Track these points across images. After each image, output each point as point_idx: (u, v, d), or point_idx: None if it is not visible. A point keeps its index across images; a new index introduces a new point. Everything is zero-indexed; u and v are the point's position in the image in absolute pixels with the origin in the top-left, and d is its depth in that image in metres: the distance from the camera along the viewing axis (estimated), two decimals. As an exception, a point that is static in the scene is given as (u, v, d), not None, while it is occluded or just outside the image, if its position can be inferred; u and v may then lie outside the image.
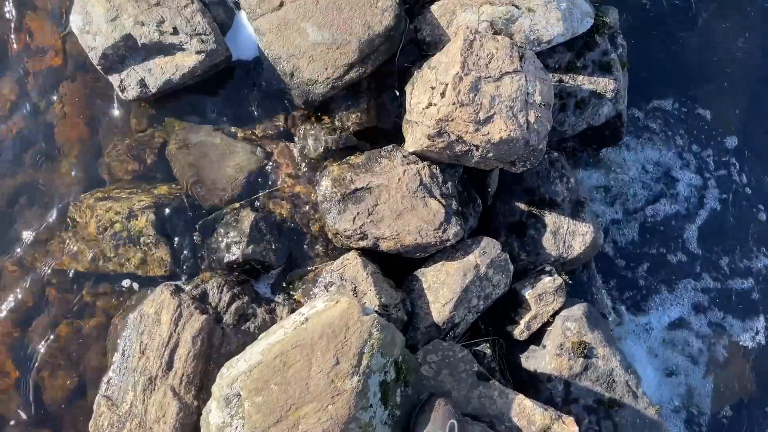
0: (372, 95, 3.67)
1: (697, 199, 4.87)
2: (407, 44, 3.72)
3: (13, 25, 3.80)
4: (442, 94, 3.25)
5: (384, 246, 3.35)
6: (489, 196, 3.77)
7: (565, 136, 3.89)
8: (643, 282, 4.68)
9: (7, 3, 3.81)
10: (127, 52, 3.35)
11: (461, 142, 3.26)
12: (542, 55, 3.79)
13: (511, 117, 3.20)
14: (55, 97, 3.72)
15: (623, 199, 4.78)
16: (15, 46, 3.78)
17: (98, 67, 3.37)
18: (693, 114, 5.01)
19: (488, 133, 3.19)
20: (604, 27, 3.84)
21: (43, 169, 3.64)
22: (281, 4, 3.50)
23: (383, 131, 3.71)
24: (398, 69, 3.70)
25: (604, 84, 3.81)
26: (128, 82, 3.38)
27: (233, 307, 3.14)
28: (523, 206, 3.78)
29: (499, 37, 3.36)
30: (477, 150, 3.27)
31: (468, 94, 3.18)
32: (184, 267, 3.35)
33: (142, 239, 3.31)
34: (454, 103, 3.17)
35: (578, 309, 3.50)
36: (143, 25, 3.30)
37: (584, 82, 3.82)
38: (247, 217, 3.32)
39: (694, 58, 5.06)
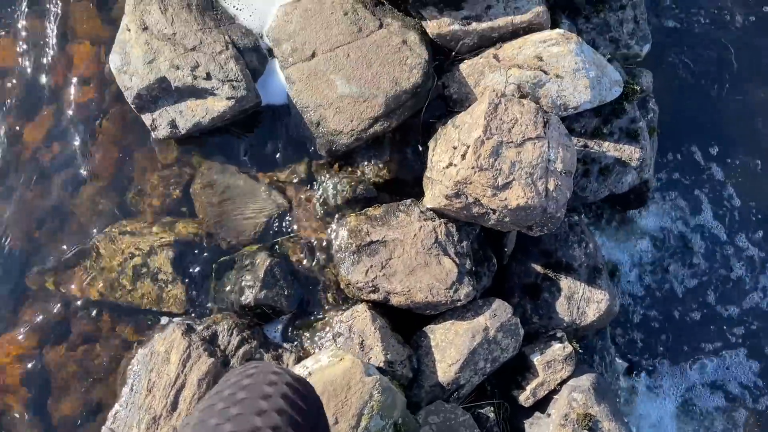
0: (395, 148, 3.72)
1: (722, 264, 4.78)
2: (434, 99, 3.76)
3: (56, 55, 3.97)
4: (463, 156, 3.28)
5: (394, 300, 3.37)
6: (505, 256, 3.76)
7: (587, 202, 3.86)
8: (660, 344, 4.59)
9: (50, 33, 3.98)
10: (161, 93, 3.46)
11: (478, 205, 3.28)
12: (568, 119, 3.80)
13: (530, 184, 3.21)
14: (90, 128, 3.86)
15: (646, 259, 4.72)
16: (57, 75, 3.94)
17: (132, 106, 3.49)
18: (724, 177, 4.93)
19: (506, 199, 3.20)
20: (634, 94, 3.83)
21: (74, 196, 3.76)
22: (313, 55, 3.58)
23: (404, 183, 3.75)
24: (423, 123, 3.74)
25: (630, 152, 3.79)
26: (159, 122, 3.49)
27: (241, 351, 3.19)
28: (539, 268, 3.76)
29: (524, 102, 3.38)
30: (494, 213, 3.28)
31: (488, 159, 3.21)
32: (198, 306, 3.42)
33: (159, 276, 3.39)
34: (473, 167, 3.19)
35: (587, 379, 3.45)
36: (178, 68, 3.41)
37: (609, 149, 3.80)
38: (263, 262, 3.37)
39: (731, 124, 5.00)
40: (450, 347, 3.35)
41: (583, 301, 3.69)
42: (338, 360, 2.82)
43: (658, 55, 4.93)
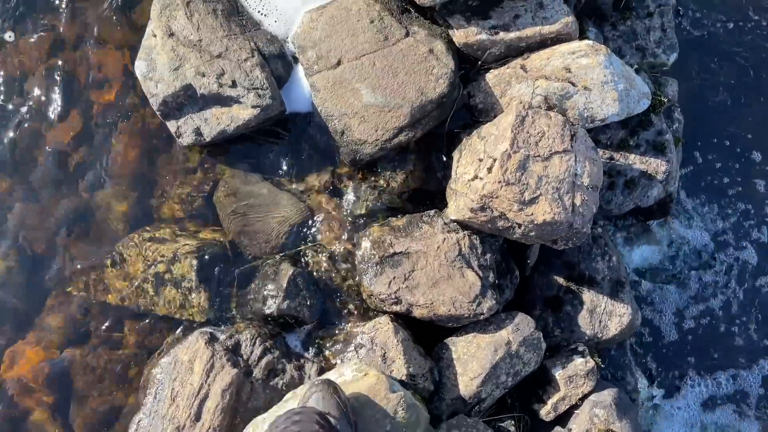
0: (419, 157, 3.70)
1: (744, 275, 4.73)
2: (459, 109, 3.73)
3: (80, 58, 3.97)
4: (489, 170, 3.25)
5: (417, 313, 3.36)
6: (527, 268, 3.74)
7: (611, 215, 3.83)
8: (681, 357, 4.57)
9: (74, 37, 3.97)
10: (186, 100, 3.46)
11: (504, 219, 3.25)
12: (594, 131, 3.76)
13: (557, 199, 3.18)
14: (114, 132, 3.86)
15: (667, 271, 4.68)
16: (81, 79, 3.94)
17: (157, 113, 3.48)
18: (747, 188, 4.87)
19: (532, 214, 3.17)
20: (661, 106, 3.78)
21: (98, 200, 3.77)
22: (339, 63, 3.56)
23: (428, 193, 3.73)
24: (447, 133, 3.71)
25: (656, 165, 3.75)
26: (184, 129, 3.48)
27: (264, 361, 3.19)
28: (561, 281, 3.74)
29: (552, 114, 3.34)
30: (519, 228, 3.26)
31: (515, 173, 3.18)
32: (221, 314, 3.42)
33: (183, 283, 3.40)
34: (499, 182, 3.17)
35: (608, 395, 3.44)
36: (204, 76, 3.40)
37: (636, 162, 3.76)
38: (286, 272, 3.37)
39: (755, 133, 4.93)
40: (472, 360, 3.34)
41: (605, 315, 3.67)
42: (362, 375, 2.82)
43: (683, 63, 4.86)
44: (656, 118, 3.81)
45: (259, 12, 3.75)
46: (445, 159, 3.71)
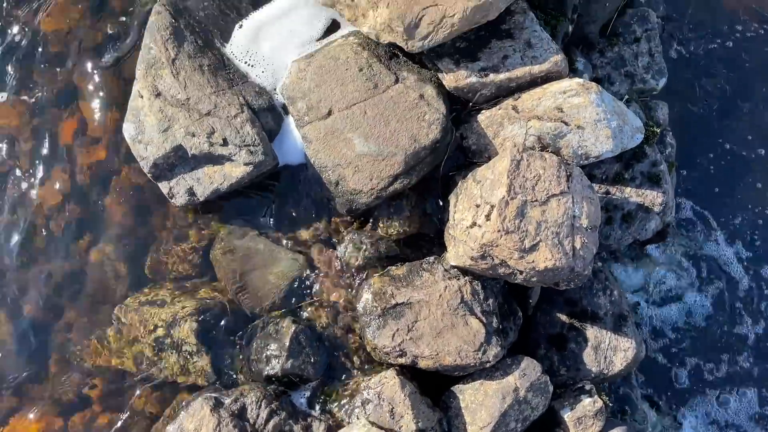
0: (415, 203, 3.67)
1: (740, 297, 4.75)
2: (453, 150, 3.70)
3: (66, 115, 3.91)
4: (487, 217, 3.23)
5: (423, 364, 3.34)
6: (530, 307, 3.72)
7: (611, 249, 3.82)
8: (683, 381, 4.57)
9: (61, 92, 3.91)
10: (177, 161, 3.41)
11: (505, 266, 3.23)
12: (589, 166, 3.75)
13: (557, 245, 3.16)
14: (104, 190, 3.81)
15: (664, 293, 4.69)
16: (67, 136, 3.88)
17: (148, 175, 3.43)
18: (744, 209, 4.88)
19: (533, 261, 3.15)
20: (654, 137, 3.78)
21: (94, 261, 3.72)
22: (329, 113, 3.53)
23: (425, 236, 3.71)
24: (442, 176, 3.69)
25: (653, 197, 3.74)
26: (177, 190, 3.44)
27: (270, 424, 3.16)
28: (564, 318, 3.72)
29: (546, 156, 3.32)
30: (521, 274, 3.24)
31: (514, 221, 3.16)
32: (224, 377, 3.38)
33: (184, 347, 3.36)
34: (499, 230, 3.15)
35: (618, 434, 3.43)
36: (194, 136, 3.36)
37: (632, 195, 3.76)
38: (288, 330, 3.34)
39: (745, 150, 4.94)
40: (480, 409, 3.32)
41: (610, 350, 3.66)
42: (372, 439, 2.79)
43: (672, 83, 4.84)
44: (650, 149, 3.81)
45: (245, 63, 3.71)
46: (441, 203, 3.68)
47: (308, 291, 3.54)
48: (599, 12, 4.22)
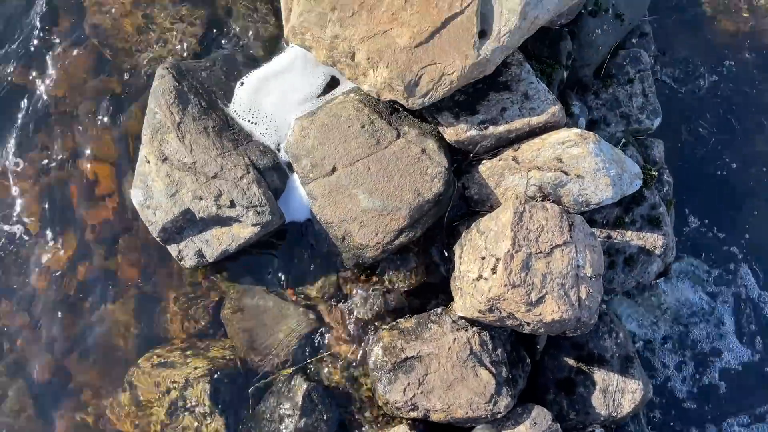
0: (420, 254, 3.72)
1: (742, 333, 4.80)
2: (455, 200, 3.77)
3: (73, 175, 3.95)
4: (493, 270, 3.28)
5: (434, 417, 3.37)
6: (537, 352, 3.77)
7: (615, 293, 3.88)
8: (691, 418, 4.61)
9: (67, 153, 3.96)
10: (186, 224, 3.46)
11: (512, 318, 3.29)
12: (590, 211, 3.81)
13: (563, 296, 3.22)
14: (112, 249, 3.85)
15: (666, 331, 4.74)
16: (75, 196, 3.92)
17: (157, 239, 3.48)
18: (741, 243, 4.94)
19: (540, 314, 3.21)
20: (652, 180, 3.85)
21: (101, 322, 3.75)
22: (334, 170, 3.59)
23: (431, 287, 3.76)
24: (446, 226, 3.74)
25: (653, 240, 3.80)
26: (186, 252, 3.48)
27: (287, 485, 3.18)
28: (571, 362, 3.77)
29: (548, 206, 3.39)
30: (528, 325, 3.29)
31: (519, 274, 3.21)
32: (239, 437, 3.41)
33: (197, 409, 3.38)
34: (505, 285, 3.20)
35: (630, 479, 3.46)
36: (201, 199, 3.41)
37: (633, 238, 3.82)
38: (300, 388, 3.37)
39: (739, 183, 5.02)
40: (493, 460, 3.35)
41: (618, 393, 3.70)
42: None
43: (666, 118, 4.93)
44: (648, 192, 3.88)
45: (249, 121, 3.77)
46: (446, 253, 3.74)
47: (318, 346, 3.58)
48: (593, 55, 4.31)
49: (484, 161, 3.73)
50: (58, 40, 4.09)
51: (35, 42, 4.08)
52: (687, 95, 5.11)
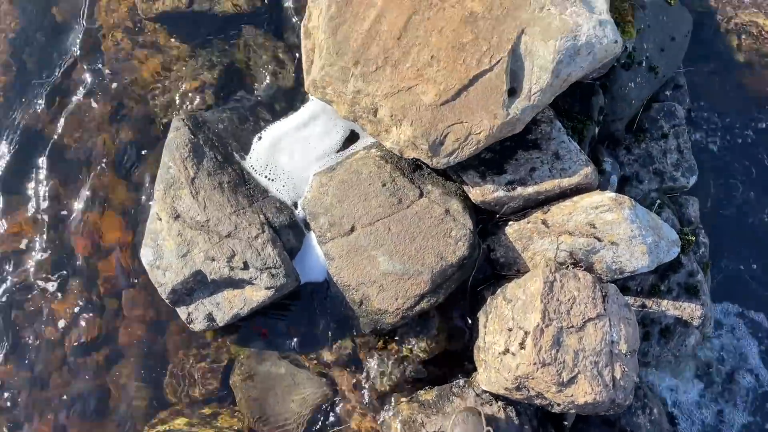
0: (442, 320, 3.53)
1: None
2: (480, 263, 3.57)
3: (81, 228, 3.83)
4: (521, 345, 3.07)
5: (455, 501, 3.13)
6: (566, 430, 3.52)
7: (649, 366, 3.63)
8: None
9: (75, 203, 3.83)
10: (196, 285, 3.30)
11: (541, 398, 3.06)
12: (623, 279, 3.59)
13: (596, 376, 2.99)
14: (118, 304, 3.70)
15: (699, 396, 4.46)
16: (80, 247, 3.79)
17: (166, 301, 3.32)
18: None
19: (572, 395, 2.98)
20: (690, 246, 3.62)
21: (106, 381, 3.58)
22: (352, 229, 3.42)
23: (453, 355, 3.56)
24: (470, 291, 3.55)
25: (691, 310, 3.57)
26: (196, 315, 3.32)
27: None
28: (602, 440, 3.51)
29: (580, 275, 3.18)
30: (558, 406, 3.06)
31: (550, 351, 2.99)
32: None
33: (202, 484, 3.18)
34: (535, 363, 2.98)
35: None
36: (214, 260, 3.25)
37: (669, 308, 3.59)
38: (312, 464, 3.15)
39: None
40: None
41: (652, 475, 3.44)
42: None
43: (701, 176, 4.70)
44: (685, 258, 3.65)
45: (265, 177, 3.63)
46: (470, 320, 3.53)
47: (333, 419, 3.37)
48: (625, 109, 4.12)
49: (511, 222, 3.54)
50: (74, 86, 4.00)
51: (51, 87, 4.00)
52: (726, 150, 4.88)
